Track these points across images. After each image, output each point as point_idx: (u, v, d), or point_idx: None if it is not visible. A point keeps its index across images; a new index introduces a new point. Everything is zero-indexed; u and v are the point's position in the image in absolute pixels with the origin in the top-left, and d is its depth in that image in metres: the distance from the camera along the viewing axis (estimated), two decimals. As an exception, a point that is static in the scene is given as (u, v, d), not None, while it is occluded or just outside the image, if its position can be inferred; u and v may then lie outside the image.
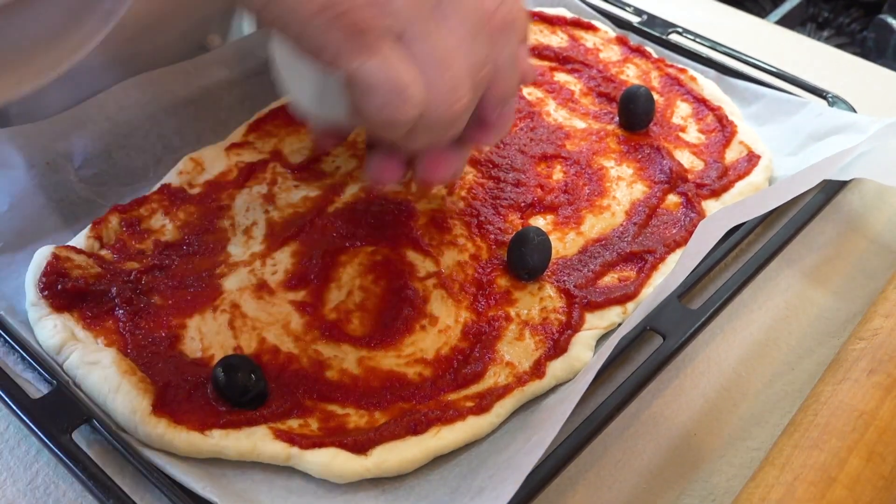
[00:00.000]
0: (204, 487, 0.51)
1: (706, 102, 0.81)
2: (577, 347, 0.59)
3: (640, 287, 0.63)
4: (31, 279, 0.60)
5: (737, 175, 0.73)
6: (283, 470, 0.53)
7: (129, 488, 0.51)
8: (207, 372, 0.55)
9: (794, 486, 0.48)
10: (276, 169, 0.71)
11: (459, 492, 0.52)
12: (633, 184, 0.72)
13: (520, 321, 0.61)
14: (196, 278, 0.62)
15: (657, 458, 0.57)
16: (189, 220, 0.66)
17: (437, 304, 0.62)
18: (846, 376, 0.55)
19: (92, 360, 0.56)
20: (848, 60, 0.96)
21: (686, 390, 0.61)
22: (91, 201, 0.69)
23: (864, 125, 0.73)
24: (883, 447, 0.50)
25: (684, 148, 0.76)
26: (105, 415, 0.54)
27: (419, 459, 0.53)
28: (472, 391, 0.57)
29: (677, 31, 0.89)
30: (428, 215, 0.68)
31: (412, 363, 0.58)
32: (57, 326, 0.58)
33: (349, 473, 0.52)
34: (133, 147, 0.74)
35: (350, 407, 0.55)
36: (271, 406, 0.54)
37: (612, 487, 0.55)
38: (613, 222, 0.69)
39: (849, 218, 0.74)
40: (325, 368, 0.57)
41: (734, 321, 0.65)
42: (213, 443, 0.52)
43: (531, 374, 0.58)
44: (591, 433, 0.54)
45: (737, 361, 0.63)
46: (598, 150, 0.75)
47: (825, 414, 0.52)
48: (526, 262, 0.63)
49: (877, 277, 0.69)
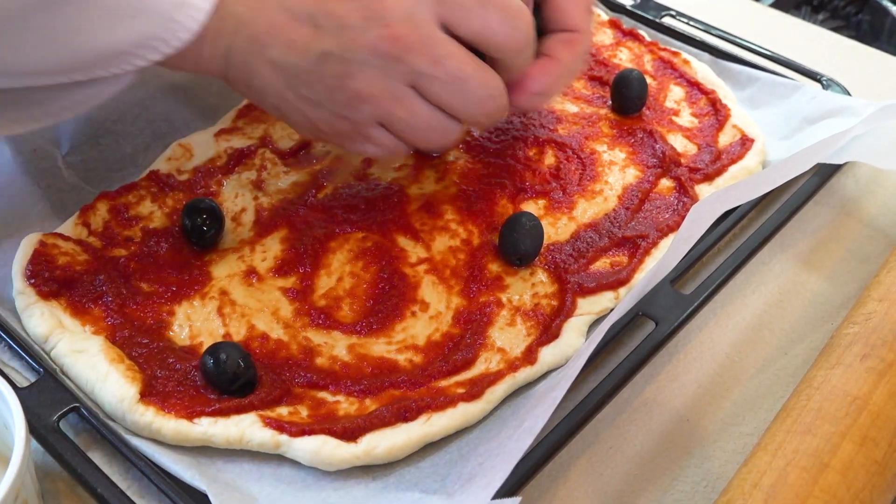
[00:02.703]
0: (192, 476, 0.50)
1: (699, 86, 0.80)
2: (569, 333, 0.59)
3: (632, 272, 0.63)
4: (17, 267, 0.60)
5: (730, 159, 0.72)
6: (272, 458, 0.53)
7: (117, 477, 0.51)
8: (196, 359, 0.55)
9: (787, 472, 0.48)
10: (266, 155, 0.71)
11: (450, 479, 0.52)
12: (626, 168, 0.71)
13: (511, 307, 0.61)
14: (184, 265, 0.62)
15: (650, 443, 0.56)
16: (178, 206, 0.66)
17: (428, 290, 0.61)
18: (839, 361, 0.54)
19: (79, 349, 0.55)
20: (843, 43, 0.95)
21: (678, 376, 0.60)
22: (78, 188, 0.69)
23: (858, 108, 0.73)
24: (876, 432, 0.50)
25: (677, 132, 0.75)
26: (93, 403, 0.54)
27: (410, 446, 0.53)
28: (464, 377, 0.56)
29: (671, 14, 0.89)
30: (419, 200, 0.67)
31: (403, 350, 0.58)
32: (44, 314, 0.57)
33: (339, 461, 0.51)
34: (121, 133, 0.73)
35: (340, 394, 0.55)
36: (260, 393, 0.54)
37: (604, 474, 0.55)
38: (606, 207, 0.68)
39: (843, 202, 0.74)
40: (315, 355, 0.57)
41: (727, 306, 0.65)
42: (202, 431, 0.52)
43: (523, 360, 0.57)
44: (583, 419, 0.54)
45: (730, 346, 0.62)
46: (590, 135, 0.74)
47: (818, 399, 0.52)
48: (518, 247, 0.62)
49: (870, 261, 0.68)
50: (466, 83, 0.56)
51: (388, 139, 0.59)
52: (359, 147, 0.60)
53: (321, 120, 0.58)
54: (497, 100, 0.58)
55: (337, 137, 0.60)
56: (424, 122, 0.57)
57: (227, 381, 0.53)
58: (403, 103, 0.56)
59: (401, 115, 0.56)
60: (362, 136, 0.58)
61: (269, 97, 0.58)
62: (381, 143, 0.59)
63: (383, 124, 0.58)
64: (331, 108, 0.57)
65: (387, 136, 0.58)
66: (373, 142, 0.59)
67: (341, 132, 0.59)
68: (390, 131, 0.58)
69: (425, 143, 0.60)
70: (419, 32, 0.54)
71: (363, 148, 0.60)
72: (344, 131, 0.58)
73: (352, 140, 0.59)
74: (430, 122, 0.57)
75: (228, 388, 0.53)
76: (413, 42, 0.54)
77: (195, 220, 0.62)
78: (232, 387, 0.53)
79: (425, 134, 0.58)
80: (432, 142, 0.59)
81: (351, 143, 0.60)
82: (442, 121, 0.58)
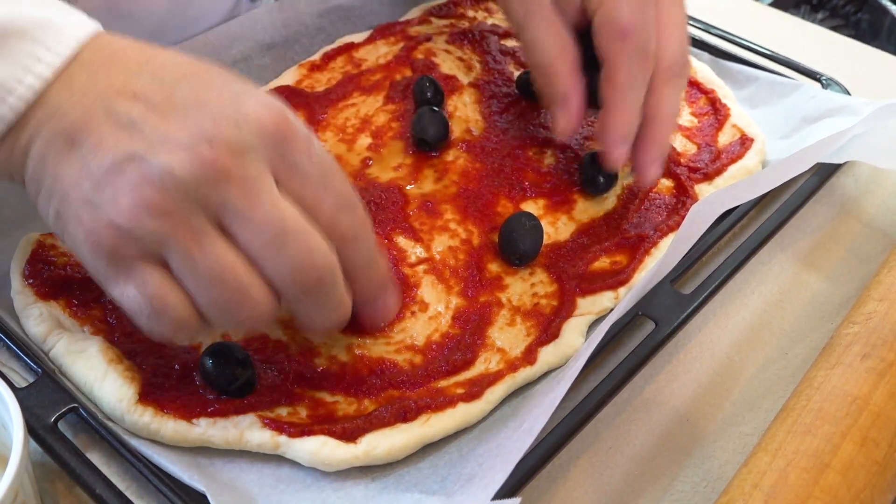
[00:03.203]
0: (191, 476, 0.50)
1: (699, 85, 0.80)
2: (569, 333, 0.59)
3: (632, 272, 0.63)
4: (16, 267, 0.60)
5: (730, 158, 0.72)
6: (271, 458, 0.52)
7: (115, 477, 0.50)
8: (195, 360, 0.55)
9: (787, 472, 0.48)
10: (265, 154, 0.71)
11: (450, 479, 0.52)
12: (625, 168, 0.71)
13: (511, 307, 0.60)
14: (183, 265, 0.62)
15: (649, 444, 0.56)
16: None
17: (427, 290, 0.61)
18: (839, 361, 0.54)
19: (78, 349, 0.55)
20: (842, 43, 0.95)
21: (678, 376, 0.60)
22: (77, 188, 0.68)
23: (857, 108, 0.73)
24: (876, 432, 0.50)
25: (677, 131, 0.75)
26: (91, 403, 0.54)
27: (409, 447, 0.53)
28: (463, 378, 0.56)
29: (670, 13, 0.88)
30: (418, 200, 0.67)
31: (402, 350, 0.58)
32: (42, 315, 0.57)
33: (338, 461, 0.51)
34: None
35: (339, 394, 0.55)
36: (260, 394, 0.54)
37: (603, 474, 0.55)
38: (606, 207, 0.68)
39: (842, 201, 0.74)
40: (314, 355, 0.57)
41: (727, 306, 0.65)
42: (201, 431, 0.52)
43: (522, 360, 0.57)
44: (583, 419, 0.54)
45: (730, 346, 0.62)
46: (589, 135, 0.74)
47: (818, 399, 0.52)
48: (517, 247, 0.62)
49: (870, 261, 0.68)
50: (286, 237, 0.46)
51: (156, 285, 0.46)
52: (113, 288, 0.47)
53: (93, 230, 0.46)
54: (319, 270, 0.47)
55: (97, 260, 0.46)
56: (218, 272, 0.46)
57: (226, 382, 0.53)
58: (200, 238, 0.45)
59: (192, 251, 0.45)
60: (127, 269, 0.46)
61: (55, 199, 0.47)
62: (146, 286, 0.46)
63: (163, 260, 0.46)
64: (109, 216, 0.45)
65: (157, 281, 0.46)
66: (135, 281, 0.46)
67: (107, 252, 0.46)
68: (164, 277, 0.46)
69: (213, 304, 0.47)
70: (246, 169, 0.46)
71: (119, 290, 0.47)
72: (110, 251, 0.46)
73: (115, 269, 0.46)
74: (225, 275, 0.46)
75: (227, 389, 0.53)
76: (235, 174, 0.45)
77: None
78: (231, 387, 0.53)
79: (216, 290, 0.46)
80: (220, 305, 0.47)
81: (111, 276, 0.47)
82: (242, 279, 0.46)
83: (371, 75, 0.79)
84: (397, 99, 0.76)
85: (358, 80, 0.78)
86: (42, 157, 0.48)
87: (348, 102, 0.76)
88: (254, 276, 0.47)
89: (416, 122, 0.71)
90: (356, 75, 0.79)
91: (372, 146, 0.72)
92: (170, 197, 0.45)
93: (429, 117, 0.71)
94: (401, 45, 0.82)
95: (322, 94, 0.76)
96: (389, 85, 0.77)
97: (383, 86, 0.77)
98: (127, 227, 0.45)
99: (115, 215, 0.45)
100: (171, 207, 0.45)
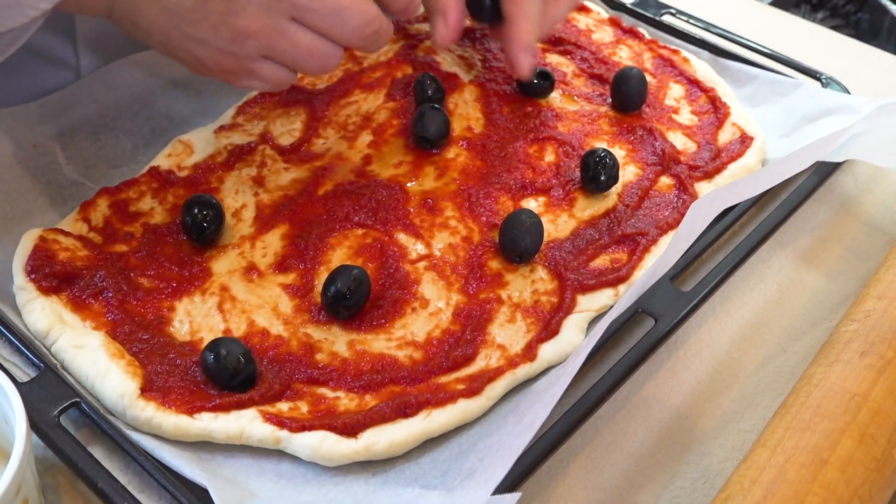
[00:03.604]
0: (193, 471, 0.50)
1: (699, 84, 0.80)
2: (569, 330, 0.59)
3: (632, 269, 0.63)
4: (18, 262, 0.60)
5: (730, 157, 0.72)
6: (272, 453, 0.53)
7: (117, 471, 0.51)
8: (196, 355, 0.55)
9: (786, 468, 0.48)
10: (266, 151, 0.71)
11: (450, 475, 0.52)
12: (626, 166, 0.71)
13: (511, 304, 0.61)
14: (185, 261, 0.62)
15: (649, 440, 0.56)
16: (178, 202, 0.66)
17: (428, 287, 0.61)
18: (838, 358, 0.54)
19: (80, 344, 0.55)
20: (842, 42, 0.95)
21: (678, 373, 0.60)
22: (79, 184, 0.69)
23: (857, 106, 0.73)
24: (875, 429, 0.50)
25: (677, 130, 0.75)
26: (93, 398, 0.54)
27: (409, 442, 0.53)
28: (464, 374, 0.56)
29: (670, 12, 0.89)
30: (419, 197, 0.67)
31: (403, 346, 0.58)
32: (44, 310, 0.57)
33: (339, 456, 0.51)
34: (121, 129, 0.73)
35: (340, 390, 0.55)
36: (261, 389, 0.54)
37: (603, 470, 0.55)
38: (606, 204, 0.68)
39: (842, 200, 0.74)
40: (315, 351, 0.57)
41: (726, 303, 0.65)
42: (202, 426, 0.52)
43: (523, 356, 0.57)
44: (583, 416, 0.54)
45: (729, 344, 0.63)
46: (590, 132, 0.74)
47: (817, 396, 0.52)
48: (518, 244, 0.62)
49: (869, 259, 0.69)
50: (343, 13, 0.60)
51: (273, 72, 0.62)
52: (245, 82, 0.63)
53: (207, 57, 0.60)
54: (373, 25, 0.61)
55: (223, 74, 0.62)
56: (306, 51, 0.61)
57: (228, 377, 0.53)
58: (286, 36, 0.60)
59: (284, 47, 0.60)
60: (247, 70, 0.62)
61: (155, 35, 0.60)
62: (267, 76, 0.62)
63: (268, 57, 0.61)
64: (216, 45, 0.59)
65: (271, 69, 0.62)
66: (258, 76, 0.62)
67: (227, 68, 0.61)
68: (275, 63, 0.62)
69: (309, 70, 0.63)
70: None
71: (249, 83, 0.63)
72: (229, 67, 0.61)
73: (237, 76, 0.62)
74: (312, 51, 0.61)
75: (229, 384, 0.53)
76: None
77: (195, 216, 0.62)
78: (232, 382, 0.53)
79: (308, 63, 0.62)
80: (315, 68, 0.63)
81: (237, 79, 0.63)
82: (322, 48, 0.61)
83: (372, 73, 0.79)
84: (398, 96, 0.76)
85: (359, 78, 0.78)
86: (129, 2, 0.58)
87: (349, 100, 0.76)
88: (328, 45, 0.61)
89: (417, 119, 0.71)
90: (357, 73, 0.79)
91: (373, 143, 0.72)
92: (254, 17, 0.58)
93: (430, 115, 0.71)
94: (402, 43, 0.82)
95: (323, 92, 0.77)
96: (390, 82, 0.78)
97: (384, 83, 0.78)
98: (231, 50, 0.59)
99: (219, 44, 0.59)
100: (258, 25, 0.58)
